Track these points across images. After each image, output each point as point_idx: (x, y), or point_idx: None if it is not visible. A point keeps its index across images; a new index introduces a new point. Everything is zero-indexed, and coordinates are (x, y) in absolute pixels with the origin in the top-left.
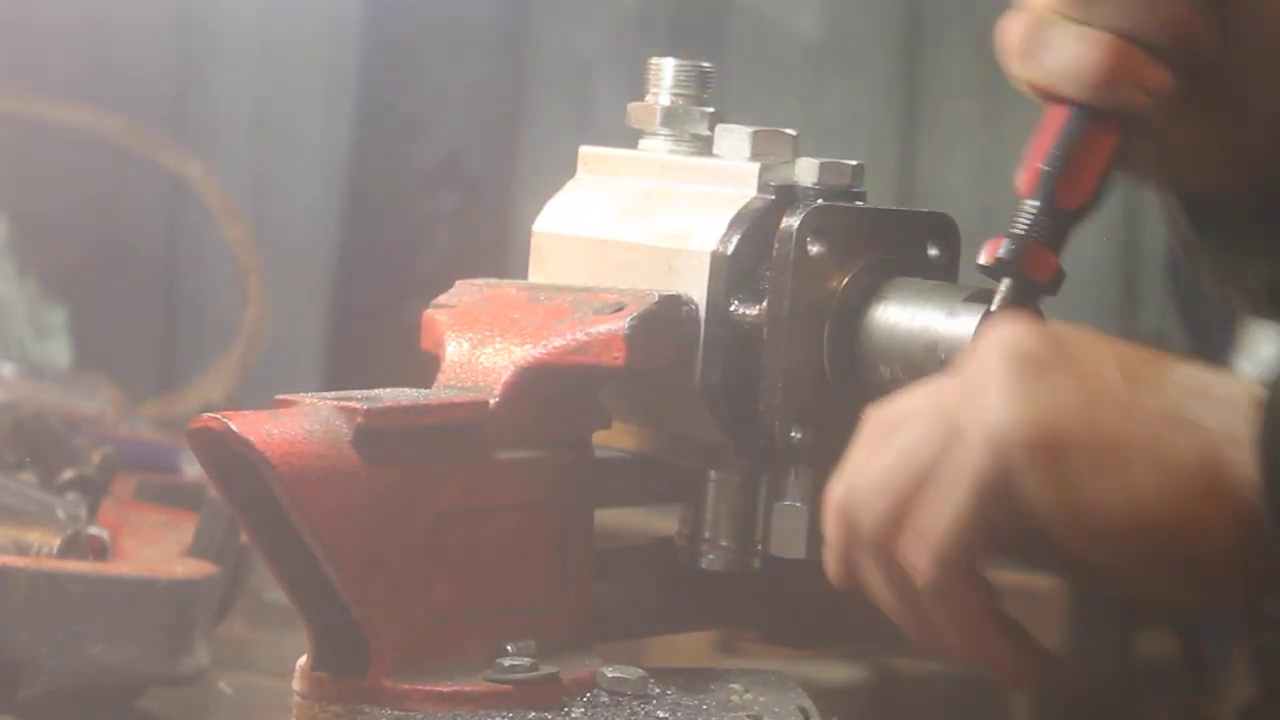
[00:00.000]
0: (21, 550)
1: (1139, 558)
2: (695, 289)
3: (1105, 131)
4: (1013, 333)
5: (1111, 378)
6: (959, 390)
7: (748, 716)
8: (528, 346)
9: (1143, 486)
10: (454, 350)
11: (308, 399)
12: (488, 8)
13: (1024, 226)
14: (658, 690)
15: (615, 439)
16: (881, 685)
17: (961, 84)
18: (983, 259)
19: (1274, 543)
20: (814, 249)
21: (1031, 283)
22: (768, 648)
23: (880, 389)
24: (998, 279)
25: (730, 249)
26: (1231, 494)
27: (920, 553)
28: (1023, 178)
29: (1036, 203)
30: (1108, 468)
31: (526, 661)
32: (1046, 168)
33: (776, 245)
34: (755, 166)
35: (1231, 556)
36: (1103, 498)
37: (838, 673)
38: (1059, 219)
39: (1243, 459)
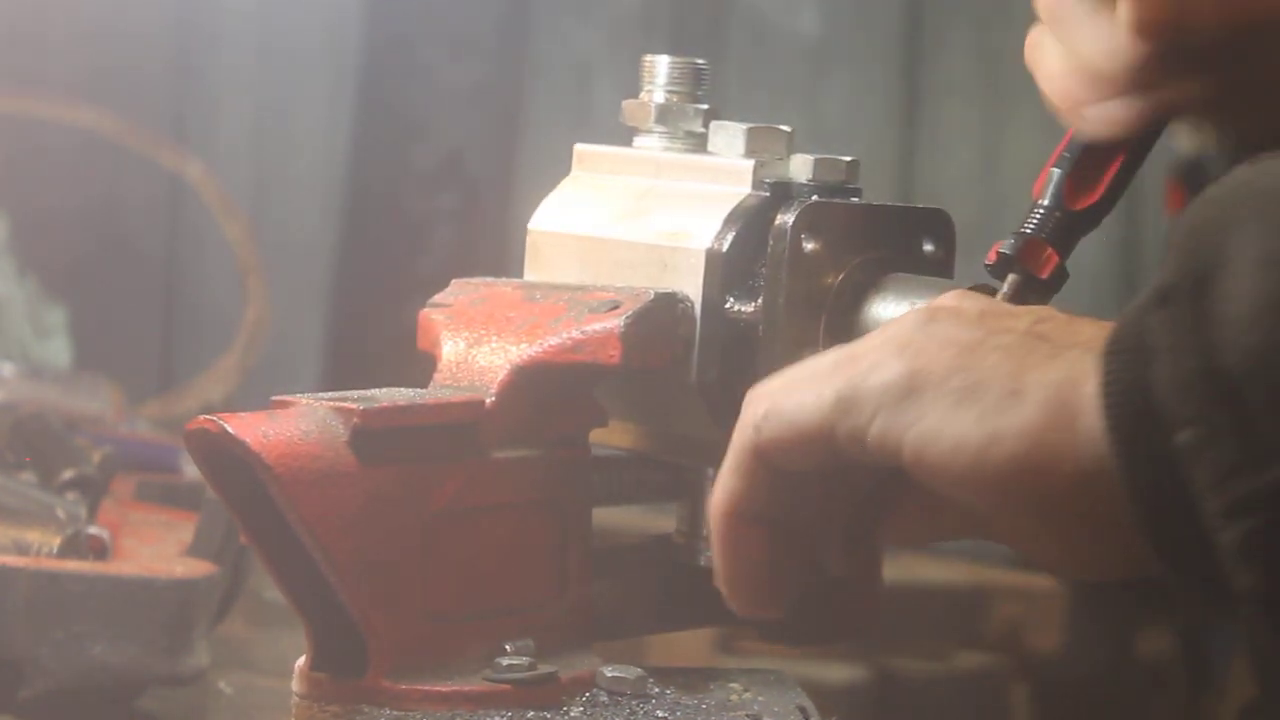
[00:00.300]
0: (21, 550)
1: (990, 494)
2: (691, 286)
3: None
4: (943, 299)
5: (1011, 325)
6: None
7: (747, 716)
8: (524, 345)
9: (997, 419)
10: (450, 349)
11: (304, 400)
12: (488, 8)
13: (1028, 225)
14: (657, 690)
15: (612, 437)
16: (881, 685)
17: (961, 84)
18: (987, 259)
19: (1122, 488)
20: (809, 245)
21: (1032, 278)
22: (767, 647)
23: None
24: (1001, 277)
25: (725, 246)
26: (1082, 433)
27: (755, 405)
28: (1037, 182)
29: (1045, 203)
30: (965, 402)
31: (525, 661)
32: (1055, 169)
33: (771, 242)
34: (750, 163)
35: (1080, 504)
36: (956, 430)
37: (838, 673)
38: (1066, 219)
39: (1094, 399)
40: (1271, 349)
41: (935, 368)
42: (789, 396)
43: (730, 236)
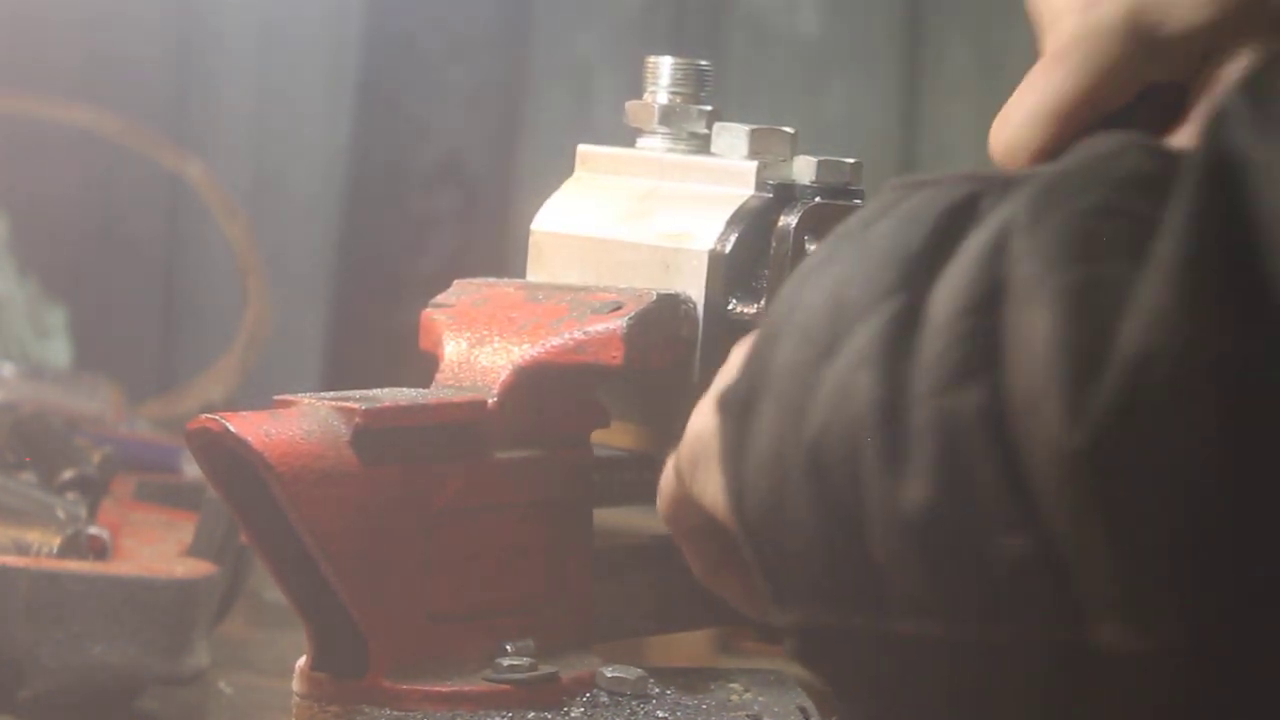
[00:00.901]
0: (21, 550)
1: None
2: (693, 288)
3: None
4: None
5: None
6: None
7: (747, 716)
8: (526, 346)
9: (716, 486)
10: (452, 350)
11: (306, 399)
12: (488, 7)
13: None
14: (657, 690)
15: (614, 438)
16: None
17: (961, 84)
18: None
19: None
20: (811, 247)
21: None
22: (767, 647)
23: None
24: None
25: (728, 248)
26: None
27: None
28: None
29: None
30: (707, 467)
31: (525, 661)
32: None
33: (774, 244)
34: (753, 165)
35: None
36: (719, 492)
37: None
38: None
39: None
40: (769, 508)
41: (701, 433)
42: (665, 468)
43: (733, 238)
